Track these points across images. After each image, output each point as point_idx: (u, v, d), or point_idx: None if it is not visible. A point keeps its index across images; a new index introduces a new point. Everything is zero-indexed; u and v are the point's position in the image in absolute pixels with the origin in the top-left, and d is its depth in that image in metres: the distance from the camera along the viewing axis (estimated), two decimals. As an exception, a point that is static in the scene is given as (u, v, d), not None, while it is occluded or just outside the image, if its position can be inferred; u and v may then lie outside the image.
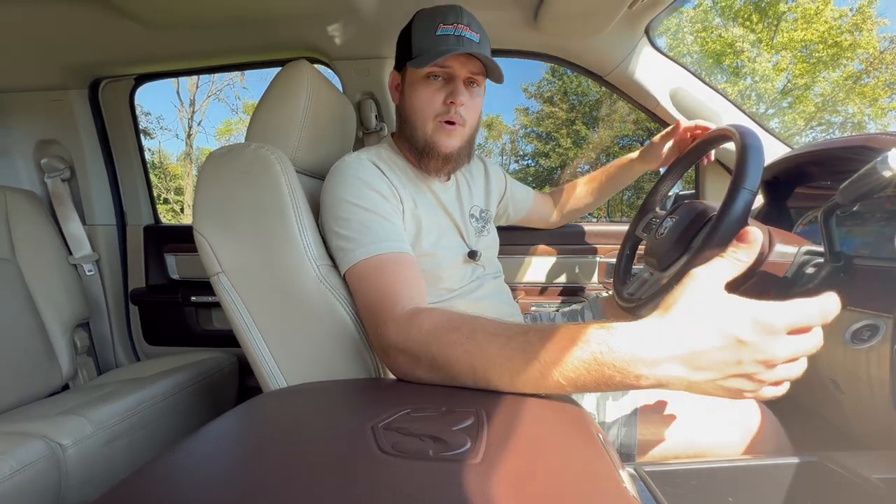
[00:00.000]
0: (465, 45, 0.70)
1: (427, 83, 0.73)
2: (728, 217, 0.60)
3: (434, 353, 0.48)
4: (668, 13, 1.06)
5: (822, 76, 11.95)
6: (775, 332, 0.35)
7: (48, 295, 1.24)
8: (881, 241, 0.67)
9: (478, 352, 0.46)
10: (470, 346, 0.46)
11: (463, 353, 0.46)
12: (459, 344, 0.47)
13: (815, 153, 0.81)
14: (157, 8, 1.02)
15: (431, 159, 0.76)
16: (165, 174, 17.00)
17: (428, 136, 0.75)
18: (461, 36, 0.70)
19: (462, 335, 0.47)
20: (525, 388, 0.43)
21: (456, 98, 0.72)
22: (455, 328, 0.49)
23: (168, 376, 1.18)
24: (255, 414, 0.46)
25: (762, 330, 0.35)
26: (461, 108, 0.73)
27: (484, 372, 0.45)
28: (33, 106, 1.38)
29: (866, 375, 0.57)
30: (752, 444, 0.63)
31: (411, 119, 0.76)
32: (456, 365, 0.47)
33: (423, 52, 0.71)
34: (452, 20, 0.71)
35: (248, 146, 0.70)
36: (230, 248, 0.67)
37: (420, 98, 0.74)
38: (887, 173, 0.52)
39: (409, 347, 0.51)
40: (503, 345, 0.45)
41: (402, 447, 0.34)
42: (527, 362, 0.42)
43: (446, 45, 0.70)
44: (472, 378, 0.46)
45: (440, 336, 0.49)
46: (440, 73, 0.73)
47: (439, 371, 0.49)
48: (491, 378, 0.45)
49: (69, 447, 0.88)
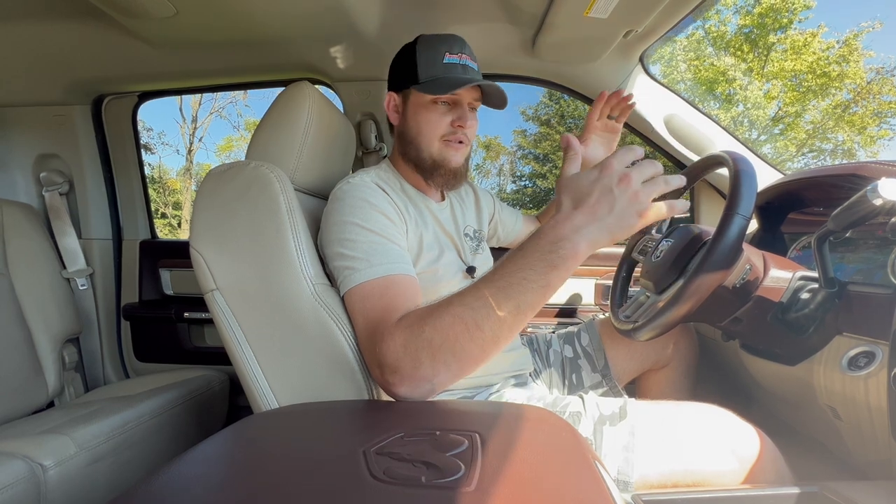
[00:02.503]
0: (471, 74, 0.78)
1: (435, 107, 0.78)
2: (723, 242, 0.60)
3: (429, 335, 0.53)
4: (661, 43, 1.10)
5: (812, 104, 12.27)
6: (611, 164, 0.51)
7: (39, 309, 1.22)
8: (874, 267, 0.67)
9: (459, 307, 0.53)
10: (452, 308, 0.53)
11: (450, 317, 0.53)
12: (444, 312, 0.53)
13: (806, 180, 0.82)
14: (164, 28, 1.04)
15: (439, 175, 0.81)
16: (165, 189, 17.05)
17: (435, 155, 0.79)
18: (466, 66, 0.77)
19: (442, 307, 0.54)
20: (508, 309, 0.51)
21: (464, 123, 0.79)
22: (436, 307, 0.56)
23: (156, 394, 1.16)
24: (244, 437, 0.44)
25: (603, 168, 0.51)
26: (467, 131, 0.80)
27: (473, 320, 0.51)
28: (36, 120, 1.39)
29: (865, 403, 0.56)
30: (752, 472, 0.62)
31: (416, 140, 0.80)
32: (450, 331, 0.52)
33: (432, 79, 0.76)
34: (458, 50, 0.77)
35: (248, 164, 0.71)
36: (226, 266, 0.67)
37: (428, 121, 0.78)
38: (877, 201, 0.53)
39: (407, 347, 0.54)
40: (475, 291, 0.53)
41: (394, 473, 0.33)
42: (498, 289, 0.51)
43: (455, 73, 0.76)
44: (466, 334, 0.51)
45: (428, 317, 0.54)
46: (447, 99, 0.78)
47: (439, 352, 0.52)
48: (480, 321, 0.51)
49: (51, 468, 0.85)
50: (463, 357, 0.52)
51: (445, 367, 0.53)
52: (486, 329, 0.51)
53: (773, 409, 0.87)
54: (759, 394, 0.88)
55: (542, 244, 0.51)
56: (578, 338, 1.03)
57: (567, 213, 0.51)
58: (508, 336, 0.53)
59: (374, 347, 0.58)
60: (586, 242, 0.50)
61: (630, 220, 0.50)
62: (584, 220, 0.50)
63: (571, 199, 0.52)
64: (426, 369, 0.53)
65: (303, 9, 0.98)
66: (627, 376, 1.02)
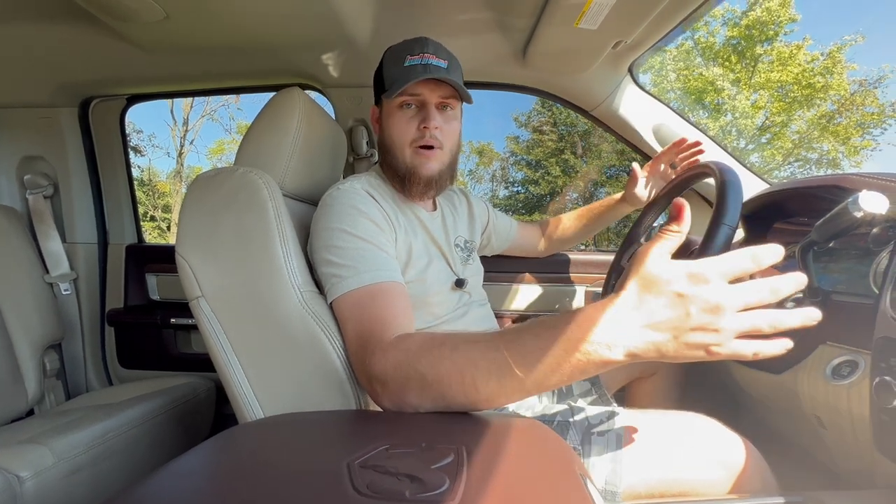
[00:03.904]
0: (431, 71, 0.73)
1: (402, 112, 0.76)
2: (710, 251, 0.61)
3: (423, 370, 0.49)
4: (650, 53, 1.11)
5: (798, 115, 12.55)
6: (708, 279, 0.39)
7: (19, 314, 1.19)
8: (856, 277, 0.68)
9: (463, 360, 0.47)
10: (456, 357, 0.48)
11: (450, 364, 0.48)
12: (446, 357, 0.49)
13: (791, 191, 0.83)
14: (154, 32, 1.03)
15: (413, 185, 0.78)
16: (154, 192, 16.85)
17: (408, 163, 0.77)
18: (427, 64, 0.73)
19: (447, 348, 0.49)
20: (512, 385, 0.45)
21: (428, 122, 0.74)
22: (440, 344, 0.51)
23: (139, 402, 1.13)
24: (227, 448, 0.44)
25: (696, 280, 0.39)
26: (436, 132, 0.75)
27: (472, 378, 0.47)
28: (21, 122, 1.37)
29: (848, 412, 0.57)
30: (739, 481, 0.62)
31: (391, 148, 0.79)
32: (445, 377, 0.48)
33: (392, 83, 0.74)
34: (418, 51, 0.74)
35: (237, 170, 0.70)
36: (212, 272, 0.66)
37: (396, 126, 0.77)
38: (858, 213, 0.54)
39: (398, 371, 0.52)
40: (485, 348, 0.47)
41: (378, 487, 0.33)
42: (509, 363, 0.44)
43: (414, 74, 0.73)
44: (461, 388, 0.47)
45: (427, 353, 0.50)
46: (412, 101, 0.76)
47: (429, 388, 0.49)
48: (479, 383, 0.46)
49: (27, 479, 0.83)
50: (452, 403, 0.49)
51: (432, 403, 0.50)
52: (482, 392, 0.47)
53: (760, 418, 0.88)
54: (747, 402, 0.89)
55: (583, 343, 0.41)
56: (568, 345, 1.03)
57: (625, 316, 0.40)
58: (503, 404, 0.48)
59: (364, 358, 0.57)
60: (625, 353, 0.40)
61: (689, 353, 0.40)
62: (640, 333, 0.40)
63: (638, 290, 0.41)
64: (412, 398, 0.51)
65: (295, 15, 0.98)
66: (616, 384, 1.02)
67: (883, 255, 0.59)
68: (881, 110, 11.82)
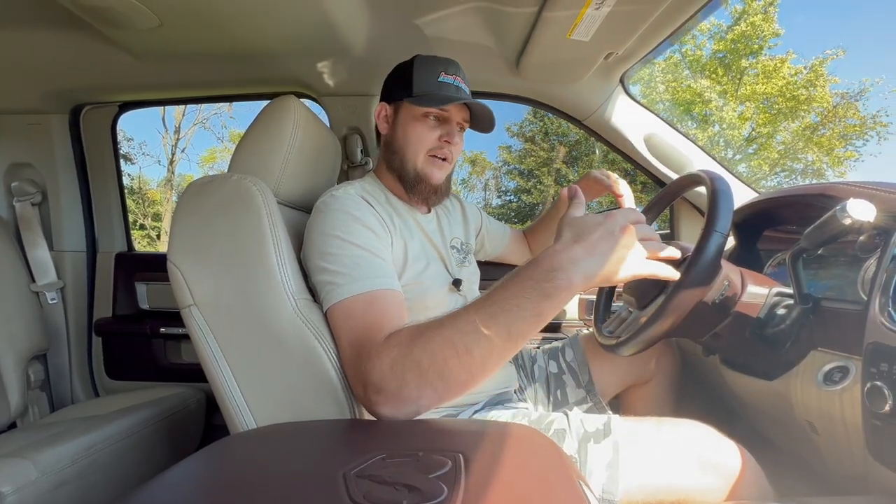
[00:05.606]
0: (463, 95, 0.80)
1: (425, 121, 0.80)
2: (702, 258, 0.61)
3: (418, 356, 0.52)
4: (641, 65, 1.14)
5: (783, 126, 12.83)
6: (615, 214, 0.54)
7: (3, 324, 1.16)
8: (845, 284, 0.69)
9: (451, 332, 0.52)
10: (444, 332, 0.52)
11: (440, 339, 0.52)
12: (436, 334, 0.53)
13: (780, 199, 0.85)
14: (147, 40, 1.03)
15: (420, 189, 0.82)
16: (144, 200, 16.66)
17: (419, 168, 0.81)
18: (459, 87, 0.80)
19: (433, 328, 0.54)
20: (499, 337, 0.50)
21: (452, 139, 0.81)
22: (426, 328, 0.55)
23: (127, 414, 1.11)
24: (219, 459, 0.43)
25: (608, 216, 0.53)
26: (453, 148, 0.82)
27: (465, 346, 0.51)
28: (8, 128, 1.35)
29: (840, 418, 0.57)
30: (734, 488, 0.62)
31: (403, 150, 0.81)
32: (439, 353, 0.51)
33: (425, 94, 0.78)
34: (453, 72, 0.81)
35: (231, 177, 0.70)
36: (204, 280, 0.65)
37: (416, 132, 0.80)
38: (846, 220, 0.55)
39: (394, 368, 0.53)
40: (466, 315, 0.52)
41: (375, 497, 0.32)
42: (490, 315, 0.51)
43: (448, 91, 0.79)
44: (456, 359, 0.51)
45: (419, 337, 0.54)
46: (437, 114, 0.80)
47: (426, 373, 0.51)
48: (472, 347, 0.51)
49: (9, 495, 0.80)
50: (450, 381, 0.52)
51: (431, 390, 0.52)
52: (476, 354, 0.51)
53: (754, 424, 0.88)
54: (741, 409, 0.89)
55: (537, 272, 0.51)
56: (563, 353, 1.03)
57: (566, 244, 0.52)
58: (498, 363, 0.53)
59: (360, 366, 0.57)
60: (582, 275, 0.50)
61: (626, 264, 0.52)
62: (582, 253, 0.51)
63: (572, 234, 0.53)
64: (411, 390, 0.52)
65: (290, 24, 0.98)
66: (611, 391, 1.02)
67: (870, 262, 0.60)
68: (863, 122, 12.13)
